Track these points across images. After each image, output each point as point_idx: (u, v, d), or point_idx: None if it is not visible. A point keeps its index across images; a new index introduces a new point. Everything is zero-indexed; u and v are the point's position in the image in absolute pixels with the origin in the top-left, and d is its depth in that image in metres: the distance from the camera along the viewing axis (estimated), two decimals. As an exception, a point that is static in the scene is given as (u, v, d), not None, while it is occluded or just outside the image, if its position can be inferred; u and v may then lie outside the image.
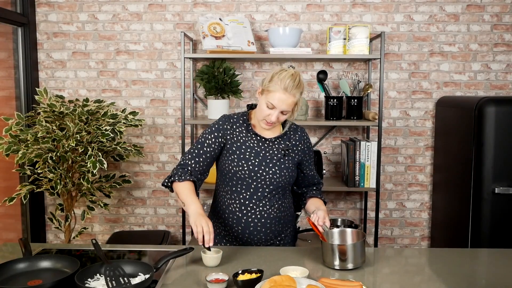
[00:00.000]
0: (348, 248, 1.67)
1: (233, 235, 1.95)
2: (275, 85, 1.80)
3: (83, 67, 3.32)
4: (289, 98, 1.80)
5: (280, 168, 1.89)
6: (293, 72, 1.83)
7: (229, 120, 1.94)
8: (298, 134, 1.99)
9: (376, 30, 3.23)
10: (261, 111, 1.85)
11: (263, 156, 1.89)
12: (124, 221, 3.44)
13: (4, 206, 2.79)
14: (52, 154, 2.62)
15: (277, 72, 1.83)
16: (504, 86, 3.29)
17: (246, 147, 1.90)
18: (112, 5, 3.26)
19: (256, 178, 1.88)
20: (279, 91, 1.79)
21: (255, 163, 1.88)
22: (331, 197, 3.40)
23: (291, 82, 1.80)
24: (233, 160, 1.88)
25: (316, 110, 3.34)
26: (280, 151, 1.92)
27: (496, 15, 3.23)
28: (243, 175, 1.88)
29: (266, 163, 1.89)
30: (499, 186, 2.60)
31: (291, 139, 1.97)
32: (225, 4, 3.24)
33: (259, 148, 1.91)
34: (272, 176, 1.88)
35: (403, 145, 3.35)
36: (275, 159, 1.90)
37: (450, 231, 3.01)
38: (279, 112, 1.82)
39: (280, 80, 1.80)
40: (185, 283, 1.58)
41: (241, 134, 1.93)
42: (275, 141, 1.93)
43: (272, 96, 1.80)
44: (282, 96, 1.79)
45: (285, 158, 1.92)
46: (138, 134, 3.37)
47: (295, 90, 1.81)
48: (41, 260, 1.66)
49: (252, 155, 1.89)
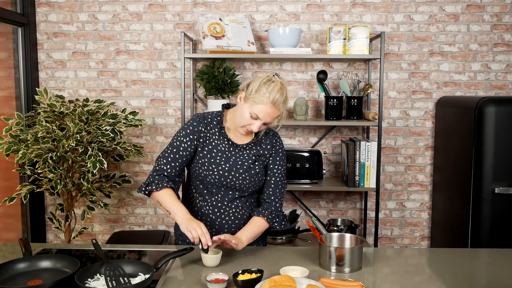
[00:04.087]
0: (346, 252, 1.67)
1: None
2: (262, 98, 1.75)
3: (83, 67, 3.32)
4: (275, 112, 1.78)
5: (250, 174, 1.87)
6: (280, 84, 1.78)
7: (203, 121, 1.89)
8: (270, 138, 1.94)
9: (376, 30, 3.23)
10: (242, 119, 1.80)
11: (233, 161, 1.87)
12: (124, 221, 3.44)
13: (4, 206, 2.79)
14: (52, 154, 2.62)
15: (265, 83, 1.77)
16: (504, 86, 3.29)
17: (217, 151, 1.87)
18: (112, 5, 3.27)
19: (226, 184, 1.86)
20: (267, 104, 1.75)
21: (225, 168, 1.85)
22: (331, 197, 3.40)
23: (280, 97, 1.76)
24: (204, 164, 1.86)
25: (316, 110, 3.34)
26: (251, 156, 1.89)
27: (496, 15, 3.23)
28: (212, 179, 1.85)
29: (236, 169, 1.86)
30: (499, 186, 2.60)
31: (263, 144, 1.93)
32: (225, 4, 3.25)
33: (230, 153, 1.88)
34: (242, 182, 1.86)
35: (403, 145, 3.35)
36: (245, 165, 1.87)
37: (450, 231, 3.01)
38: (262, 123, 1.79)
39: (269, 92, 1.74)
40: (185, 283, 1.58)
41: (213, 137, 1.89)
42: (247, 147, 1.90)
43: (258, 108, 1.76)
44: (269, 110, 1.76)
45: (255, 164, 1.89)
46: (138, 134, 3.37)
47: (282, 104, 1.78)
48: (41, 260, 1.66)
49: (223, 160, 1.86)
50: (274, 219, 1.92)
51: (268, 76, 1.81)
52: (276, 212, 1.93)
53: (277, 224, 1.93)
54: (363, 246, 1.74)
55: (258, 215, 1.90)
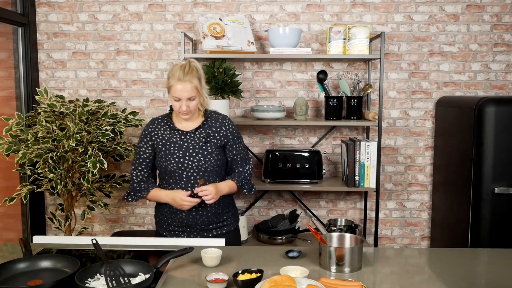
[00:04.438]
0: (346, 252, 1.67)
1: (178, 221, 2.10)
2: (171, 80, 2.02)
3: (83, 67, 3.32)
4: (187, 85, 2.00)
5: (204, 155, 2.06)
6: (183, 62, 2.05)
7: (153, 123, 2.17)
8: (220, 121, 2.14)
9: (376, 30, 3.23)
10: (174, 106, 2.07)
11: (186, 147, 2.08)
12: (124, 221, 3.44)
13: (5, 206, 2.79)
14: (52, 154, 2.62)
15: (170, 70, 2.05)
16: (504, 86, 3.29)
17: (170, 142, 2.10)
18: (112, 5, 3.27)
19: (184, 168, 2.06)
20: (176, 83, 2.00)
21: (180, 155, 2.07)
22: (331, 197, 3.40)
23: (181, 71, 2.00)
24: (162, 157, 2.10)
25: (316, 110, 3.34)
26: (202, 139, 2.09)
27: (496, 15, 3.23)
28: (172, 167, 2.07)
29: (190, 153, 2.07)
30: (498, 186, 2.60)
31: (212, 127, 2.13)
32: (225, 4, 3.25)
33: (182, 141, 2.10)
34: (198, 163, 2.06)
35: (403, 145, 3.35)
36: (197, 148, 2.08)
37: (450, 231, 3.01)
38: (186, 100, 2.01)
39: (173, 74, 2.01)
40: (185, 283, 1.58)
41: (165, 132, 2.13)
42: (196, 132, 2.11)
43: (173, 90, 2.01)
44: (180, 86, 1.99)
45: (207, 145, 2.09)
46: (138, 134, 3.37)
47: (188, 76, 2.00)
48: (41, 260, 1.66)
49: (176, 148, 2.08)
50: (244, 185, 2.19)
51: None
52: (245, 180, 2.19)
53: (246, 189, 2.21)
54: (363, 246, 1.74)
55: (231, 179, 2.15)
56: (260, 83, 3.32)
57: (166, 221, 2.16)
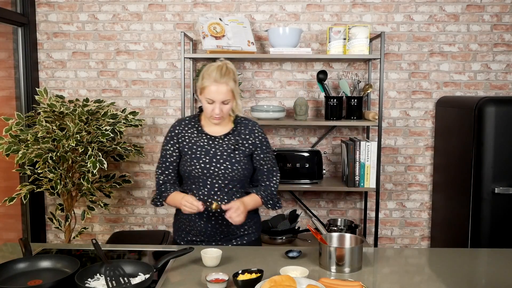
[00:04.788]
0: (346, 252, 1.67)
1: (197, 229, 2.02)
2: (206, 81, 1.92)
3: (83, 67, 3.32)
4: (223, 87, 1.90)
5: (231, 163, 1.97)
6: (219, 63, 1.94)
7: (180, 124, 2.07)
8: (249, 128, 2.06)
9: (376, 30, 3.23)
10: (205, 109, 1.97)
11: (213, 153, 1.98)
12: (124, 221, 3.44)
13: (4, 206, 2.79)
14: (52, 154, 2.62)
15: (205, 70, 1.95)
16: (504, 86, 3.29)
17: (197, 146, 2.00)
18: (112, 5, 3.27)
19: (210, 175, 1.97)
20: (212, 84, 1.90)
21: (206, 161, 1.97)
22: (331, 197, 3.40)
23: (218, 72, 1.90)
24: (187, 161, 2.00)
25: (316, 110, 3.34)
26: (230, 146, 2.00)
27: (496, 15, 3.23)
28: (197, 173, 1.97)
29: (217, 159, 1.97)
30: (498, 186, 2.60)
31: (241, 134, 2.04)
32: (225, 4, 3.24)
33: (209, 146, 2.00)
34: (224, 171, 1.96)
35: (403, 145, 3.35)
36: (225, 154, 1.98)
37: (450, 231, 3.01)
38: (220, 103, 1.92)
39: (209, 74, 1.92)
40: (185, 283, 1.58)
41: (192, 135, 2.04)
42: (225, 138, 2.02)
43: (207, 91, 1.91)
44: (215, 87, 1.90)
45: (235, 153, 1.99)
46: (138, 134, 3.37)
47: (225, 78, 1.90)
48: (41, 260, 1.66)
49: (203, 153, 1.99)
50: (268, 200, 2.06)
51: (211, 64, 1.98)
52: (271, 195, 2.06)
53: (271, 206, 2.07)
54: (363, 246, 1.74)
55: (255, 192, 2.03)
56: (260, 83, 3.32)
57: (184, 229, 2.07)
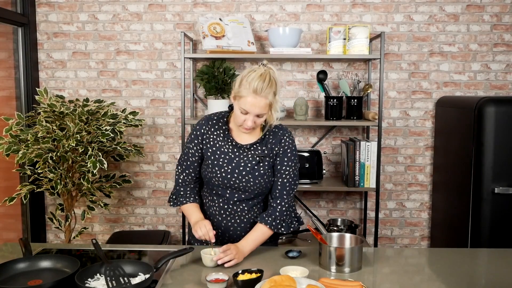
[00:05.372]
0: (346, 252, 1.67)
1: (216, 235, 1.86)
2: (244, 90, 1.71)
3: (83, 67, 3.32)
4: (261, 101, 1.70)
5: (254, 176, 1.82)
6: (262, 71, 1.72)
7: (207, 123, 1.89)
8: (278, 137, 1.87)
9: (376, 30, 3.23)
10: (236, 117, 1.78)
11: (236, 163, 1.83)
12: (124, 221, 3.44)
13: (4, 206, 2.79)
14: (52, 154, 2.62)
15: (246, 75, 1.73)
16: (504, 86, 3.29)
17: (221, 152, 1.85)
18: (112, 5, 3.27)
19: (230, 186, 1.84)
20: (250, 95, 1.70)
21: (228, 170, 1.82)
22: (331, 197, 3.40)
23: (260, 83, 1.69)
24: (208, 166, 1.85)
25: (316, 110, 3.34)
26: (255, 157, 1.83)
27: (496, 15, 3.23)
28: (216, 181, 1.84)
29: (239, 170, 1.82)
30: (498, 186, 2.60)
31: (268, 143, 1.86)
32: (225, 4, 3.25)
33: (234, 154, 1.84)
34: (246, 184, 1.82)
35: (403, 145, 3.35)
36: (249, 166, 1.82)
37: (450, 231, 3.01)
38: (254, 116, 1.74)
39: (249, 83, 1.70)
40: (185, 283, 1.58)
41: (218, 138, 1.87)
42: (251, 148, 1.85)
43: (243, 101, 1.72)
44: (253, 100, 1.70)
45: (260, 165, 1.83)
46: (138, 134, 3.37)
47: (266, 91, 1.70)
48: (41, 260, 1.66)
49: (226, 162, 1.83)
50: (278, 225, 1.84)
51: (253, 67, 1.78)
52: (281, 217, 1.84)
53: (284, 229, 1.85)
54: (363, 246, 1.74)
55: (261, 222, 1.83)
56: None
57: None
